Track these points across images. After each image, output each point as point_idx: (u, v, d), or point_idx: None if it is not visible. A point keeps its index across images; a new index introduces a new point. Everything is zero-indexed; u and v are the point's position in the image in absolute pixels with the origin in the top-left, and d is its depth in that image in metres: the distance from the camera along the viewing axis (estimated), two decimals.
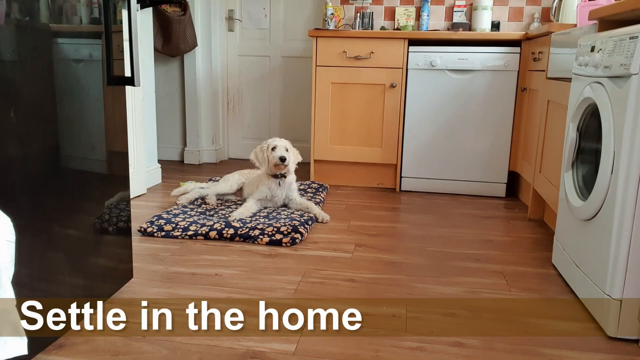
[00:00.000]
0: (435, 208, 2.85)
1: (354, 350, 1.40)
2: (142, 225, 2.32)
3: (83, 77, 1.41)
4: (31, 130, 1.22)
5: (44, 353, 1.34)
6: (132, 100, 2.86)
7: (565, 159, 1.89)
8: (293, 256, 2.09)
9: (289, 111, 4.07)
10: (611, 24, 1.84)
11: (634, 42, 1.39)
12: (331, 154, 3.29)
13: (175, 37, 3.57)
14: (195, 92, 3.87)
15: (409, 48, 3.08)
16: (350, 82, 3.18)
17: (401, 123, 3.17)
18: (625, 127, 1.42)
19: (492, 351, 1.41)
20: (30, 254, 1.24)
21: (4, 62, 1.12)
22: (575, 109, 1.81)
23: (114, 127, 1.59)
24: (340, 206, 2.86)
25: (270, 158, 2.56)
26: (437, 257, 2.11)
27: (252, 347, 1.40)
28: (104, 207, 1.56)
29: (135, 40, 1.54)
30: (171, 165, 3.89)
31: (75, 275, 1.43)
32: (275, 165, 2.55)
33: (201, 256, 2.06)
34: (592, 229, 1.61)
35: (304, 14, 3.92)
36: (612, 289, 1.47)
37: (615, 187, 1.46)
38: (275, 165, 2.55)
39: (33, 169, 1.23)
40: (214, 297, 1.70)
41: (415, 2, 3.66)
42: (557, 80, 2.30)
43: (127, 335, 1.44)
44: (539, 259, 2.12)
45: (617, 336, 1.48)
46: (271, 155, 2.56)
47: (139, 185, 2.98)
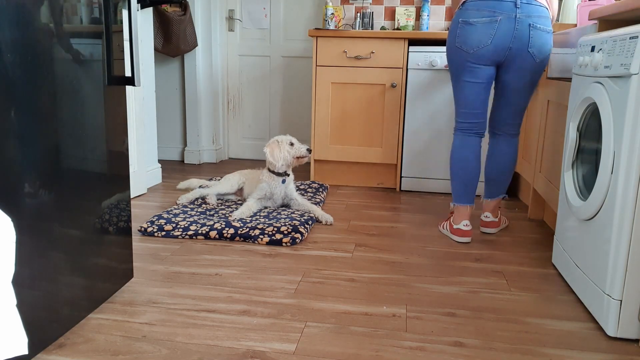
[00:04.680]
0: (435, 208, 2.85)
1: (354, 350, 1.40)
2: (143, 225, 2.32)
3: (83, 77, 1.41)
4: (31, 130, 1.22)
5: (44, 353, 1.34)
6: (132, 100, 2.86)
7: (565, 159, 1.89)
8: (293, 256, 2.09)
9: (289, 111, 4.07)
10: (611, 24, 1.84)
11: (634, 42, 1.39)
12: (331, 154, 3.29)
13: (175, 37, 3.57)
14: (195, 92, 3.87)
15: (409, 48, 3.08)
16: (350, 82, 3.18)
17: (401, 123, 3.17)
18: (625, 127, 1.42)
19: (492, 351, 1.41)
20: (30, 254, 1.24)
21: (4, 62, 1.12)
22: (576, 109, 1.81)
23: (114, 127, 1.59)
24: (341, 206, 2.86)
25: (292, 152, 2.58)
26: (437, 257, 2.11)
27: (252, 347, 1.40)
28: (104, 207, 1.56)
29: (136, 40, 1.54)
30: (171, 165, 3.89)
31: (75, 275, 1.43)
32: (299, 157, 2.59)
33: (201, 256, 2.06)
34: (592, 229, 1.62)
35: (304, 14, 3.92)
36: (612, 289, 1.48)
37: (615, 187, 1.46)
38: (299, 157, 2.59)
39: (33, 169, 1.23)
40: (214, 297, 1.70)
41: (415, 2, 3.66)
42: (557, 80, 2.30)
43: (127, 335, 1.44)
44: (539, 259, 2.12)
45: (617, 336, 1.48)
46: (293, 149, 2.58)
47: (139, 185, 2.98)
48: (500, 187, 2.38)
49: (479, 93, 2.21)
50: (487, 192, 2.42)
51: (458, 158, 2.30)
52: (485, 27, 2.07)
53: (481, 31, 2.08)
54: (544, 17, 2.08)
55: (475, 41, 2.10)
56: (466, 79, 2.20)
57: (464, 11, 2.13)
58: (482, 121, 2.28)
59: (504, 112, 2.29)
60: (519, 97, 2.23)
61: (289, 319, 1.57)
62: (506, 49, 2.09)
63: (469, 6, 2.11)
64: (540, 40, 2.09)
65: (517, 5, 2.03)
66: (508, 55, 2.11)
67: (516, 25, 2.04)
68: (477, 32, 2.08)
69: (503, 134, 2.33)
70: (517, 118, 2.30)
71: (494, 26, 2.05)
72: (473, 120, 2.26)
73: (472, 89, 2.21)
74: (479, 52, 2.11)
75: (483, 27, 2.07)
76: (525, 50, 2.08)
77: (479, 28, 2.08)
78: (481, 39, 2.08)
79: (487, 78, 2.19)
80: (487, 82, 2.20)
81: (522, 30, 2.05)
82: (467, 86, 2.21)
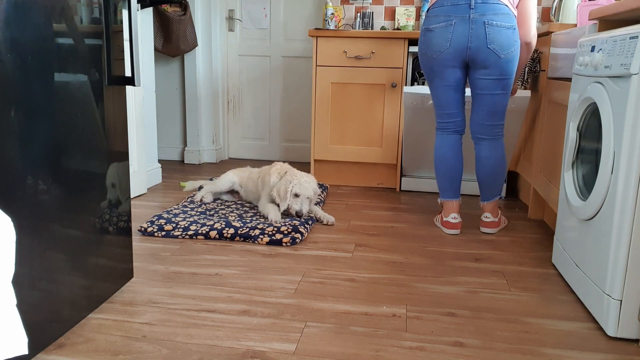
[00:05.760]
0: (436, 208, 2.85)
1: (354, 350, 1.40)
2: (143, 225, 2.32)
3: (83, 77, 1.41)
4: (31, 130, 1.22)
5: (44, 353, 1.34)
6: (132, 100, 2.86)
7: (565, 159, 1.89)
8: (293, 256, 2.09)
9: (289, 111, 4.07)
10: (611, 24, 1.84)
11: (634, 42, 1.39)
12: (331, 154, 3.29)
13: (175, 37, 3.57)
14: (195, 92, 3.88)
15: (409, 48, 3.08)
16: (350, 82, 3.18)
17: (401, 123, 3.17)
18: (625, 127, 1.42)
19: (492, 351, 1.41)
20: (30, 254, 1.24)
21: (4, 62, 1.12)
22: (576, 109, 1.81)
23: (114, 127, 1.59)
24: (341, 206, 2.86)
25: (290, 203, 2.49)
26: (437, 257, 2.11)
27: (252, 347, 1.40)
28: (104, 207, 1.56)
29: (136, 40, 1.54)
30: (171, 165, 3.89)
31: (75, 275, 1.43)
32: (289, 211, 2.51)
33: (201, 256, 2.06)
34: (592, 229, 1.62)
35: (304, 14, 3.92)
36: (612, 289, 1.48)
37: (615, 187, 1.46)
38: (289, 211, 2.51)
39: (33, 169, 1.23)
40: (214, 297, 1.70)
41: (416, 2, 3.66)
42: (558, 80, 2.30)
43: (127, 335, 1.44)
44: (539, 259, 2.12)
45: (617, 336, 1.48)
46: (292, 201, 2.49)
47: (139, 185, 2.98)
48: (493, 190, 2.41)
49: (450, 94, 2.32)
50: (482, 195, 2.44)
51: (439, 155, 2.41)
52: (442, 31, 2.19)
53: (440, 36, 2.20)
54: (501, 13, 2.14)
55: (437, 46, 2.22)
56: (436, 82, 2.33)
57: (426, 19, 2.27)
58: (459, 120, 2.37)
59: (481, 114, 2.32)
60: (491, 97, 2.27)
61: (289, 319, 1.57)
62: (465, 49, 2.18)
63: (430, 13, 2.25)
64: (500, 36, 2.15)
65: (471, 7, 2.14)
66: (470, 54, 2.19)
67: (471, 25, 2.14)
68: (437, 37, 2.21)
69: (485, 138, 2.35)
70: (494, 119, 2.31)
71: (449, 30, 2.17)
72: (449, 120, 2.37)
73: (443, 92, 2.32)
74: (441, 56, 2.22)
75: (441, 31, 2.19)
76: (485, 47, 2.16)
77: (437, 33, 2.20)
78: (441, 43, 2.20)
79: (456, 80, 2.29)
80: (457, 83, 2.30)
81: (477, 29, 2.14)
82: (439, 89, 2.33)
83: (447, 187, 2.41)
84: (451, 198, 2.40)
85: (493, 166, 2.35)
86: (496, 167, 2.35)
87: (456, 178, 2.39)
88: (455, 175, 2.38)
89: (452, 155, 2.38)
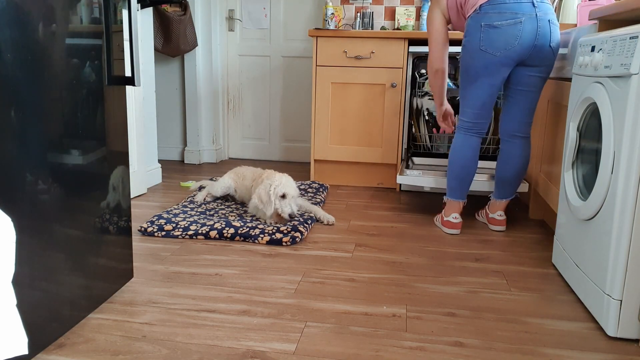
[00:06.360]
0: (436, 208, 2.85)
1: (354, 350, 1.40)
2: (143, 225, 2.32)
3: (83, 77, 1.41)
4: (31, 130, 1.22)
5: (44, 353, 1.34)
6: (132, 100, 2.86)
7: (565, 159, 1.89)
8: (293, 256, 2.09)
9: (289, 111, 4.07)
10: (611, 24, 1.84)
11: (634, 42, 1.39)
12: (331, 154, 3.29)
13: (175, 37, 3.57)
14: (195, 92, 3.87)
15: (409, 48, 3.08)
16: (350, 82, 3.18)
17: (401, 123, 3.17)
18: (625, 127, 1.42)
19: (492, 351, 1.41)
20: (30, 254, 1.24)
21: (4, 62, 1.12)
22: (576, 109, 1.81)
23: (114, 127, 1.59)
24: (341, 206, 2.86)
25: (276, 205, 2.33)
26: (437, 257, 2.11)
27: (252, 347, 1.40)
28: (104, 207, 1.56)
29: (136, 40, 1.54)
30: (171, 165, 3.89)
31: (75, 275, 1.43)
32: (280, 216, 2.36)
33: (201, 256, 2.06)
34: (592, 229, 1.62)
35: (304, 14, 3.92)
36: (612, 289, 1.47)
37: (615, 187, 1.46)
38: (280, 216, 2.36)
39: (33, 169, 1.23)
40: (214, 297, 1.70)
41: (416, 2, 3.66)
42: (558, 80, 2.30)
43: (127, 335, 1.44)
44: (539, 258, 2.12)
45: (617, 336, 1.48)
46: (279, 203, 2.33)
47: (139, 185, 2.98)
48: (513, 188, 2.42)
49: (492, 94, 2.27)
50: (499, 193, 2.44)
51: (459, 155, 2.35)
52: (510, 28, 2.13)
53: (507, 33, 2.14)
54: (553, 13, 2.19)
55: (502, 43, 2.15)
56: (483, 81, 2.24)
57: (483, 15, 2.16)
58: (486, 122, 2.33)
59: (522, 111, 2.31)
60: (534, 94, 2.29)
61: (289, 319, 1.57)
62: (531, 47, 2.16)
63: (488, 10, 2.15)
64: (556, 35, 2.19)
65: (534, 5, 2.12)
66: (532, 52, 2.17)
67: (538, 23, 2.12)
68: (503, 34, 2.14)
69: (520, 136, 2.34)
70: (531, 116, 2.33)
71: (519, 27, 2.12)
72: (478, 121, 2.31)
73: (486, 91, 2.26)
74: (505, 53, 2.16)
75: (508, 28, 2.13)
76: (547, 46, 2.17)
77: (504, 30, 2.14)
78: (508, 40, 2.14)
79: (502, 80, 2.25)
80: (500, 84, 2.26)
81: (544, 28, 2.14)
82: (482, 88, 2.25)
83: (457, 187, 2.39)
84: (458, 198, 2.40)
85: (523, 164, 2.36)
86: (524, 165, 2.37)
87: (467, 180, 2.37)
88: (467, 178, 2.37)
89: (472, 157, 2.34)
